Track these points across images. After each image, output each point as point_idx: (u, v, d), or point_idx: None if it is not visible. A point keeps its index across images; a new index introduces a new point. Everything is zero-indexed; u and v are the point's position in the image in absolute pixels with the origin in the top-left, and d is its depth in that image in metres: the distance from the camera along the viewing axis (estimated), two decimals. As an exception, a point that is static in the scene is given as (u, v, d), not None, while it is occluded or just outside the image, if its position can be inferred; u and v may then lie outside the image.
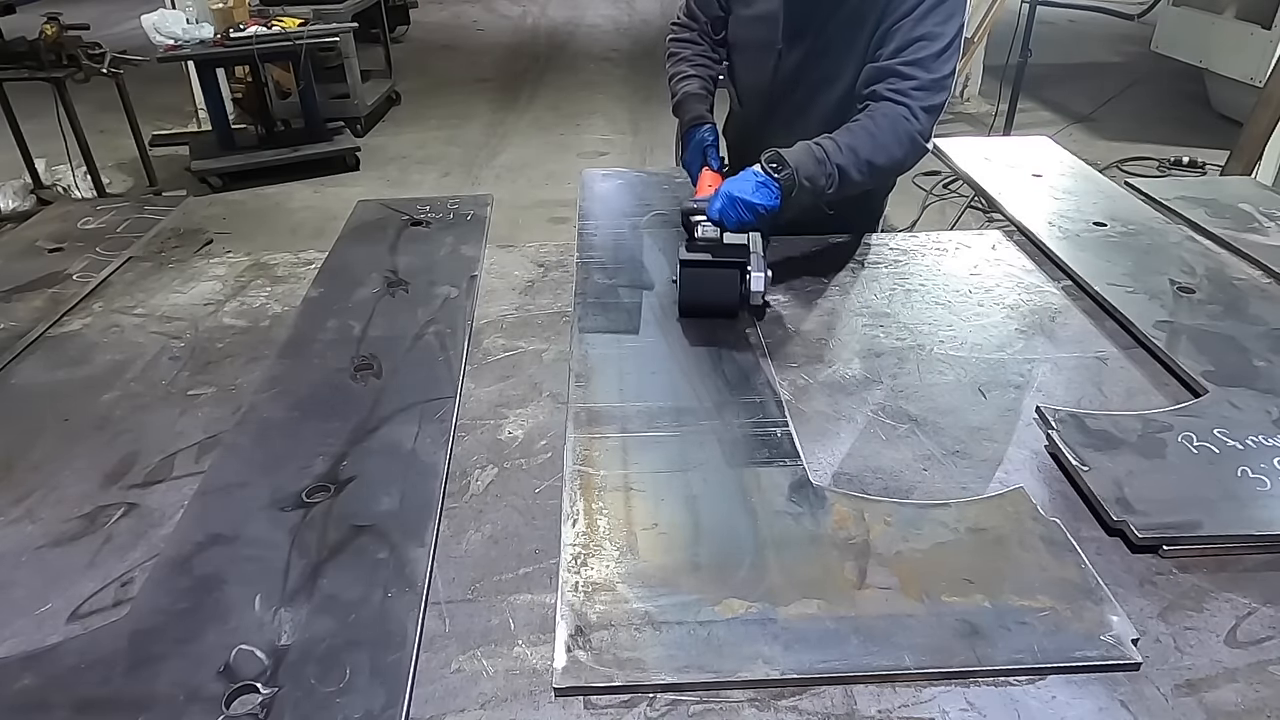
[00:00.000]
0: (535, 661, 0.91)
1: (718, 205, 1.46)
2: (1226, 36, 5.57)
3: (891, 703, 0.86)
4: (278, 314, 1.65)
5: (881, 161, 1.51)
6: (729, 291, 1.49)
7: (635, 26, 9.74)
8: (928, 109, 1.53)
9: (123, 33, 6.24)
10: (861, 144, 1.50)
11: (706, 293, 1.50)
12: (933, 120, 1.54)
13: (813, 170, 1.47)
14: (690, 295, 1.51)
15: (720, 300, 1.50)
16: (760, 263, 1.45)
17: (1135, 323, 1.51)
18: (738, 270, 1.48)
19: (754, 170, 1.48)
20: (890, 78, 1.53)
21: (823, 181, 1.48)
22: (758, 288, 1.44)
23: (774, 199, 1.45)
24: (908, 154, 1.54)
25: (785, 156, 1.47)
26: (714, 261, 1.48)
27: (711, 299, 1.50)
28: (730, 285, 1.49)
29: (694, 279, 1.50)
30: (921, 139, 1.54)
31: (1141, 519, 1.05)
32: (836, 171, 1.48)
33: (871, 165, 1.51)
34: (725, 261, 1.48)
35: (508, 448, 1.25)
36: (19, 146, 4.63)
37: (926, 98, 1.53)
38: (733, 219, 1.46)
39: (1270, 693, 0.87)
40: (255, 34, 4.91)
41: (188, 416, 1.34)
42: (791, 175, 1.46)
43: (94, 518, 1.13)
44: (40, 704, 0.86)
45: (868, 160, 1.50)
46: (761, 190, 1.46)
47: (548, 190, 5.18)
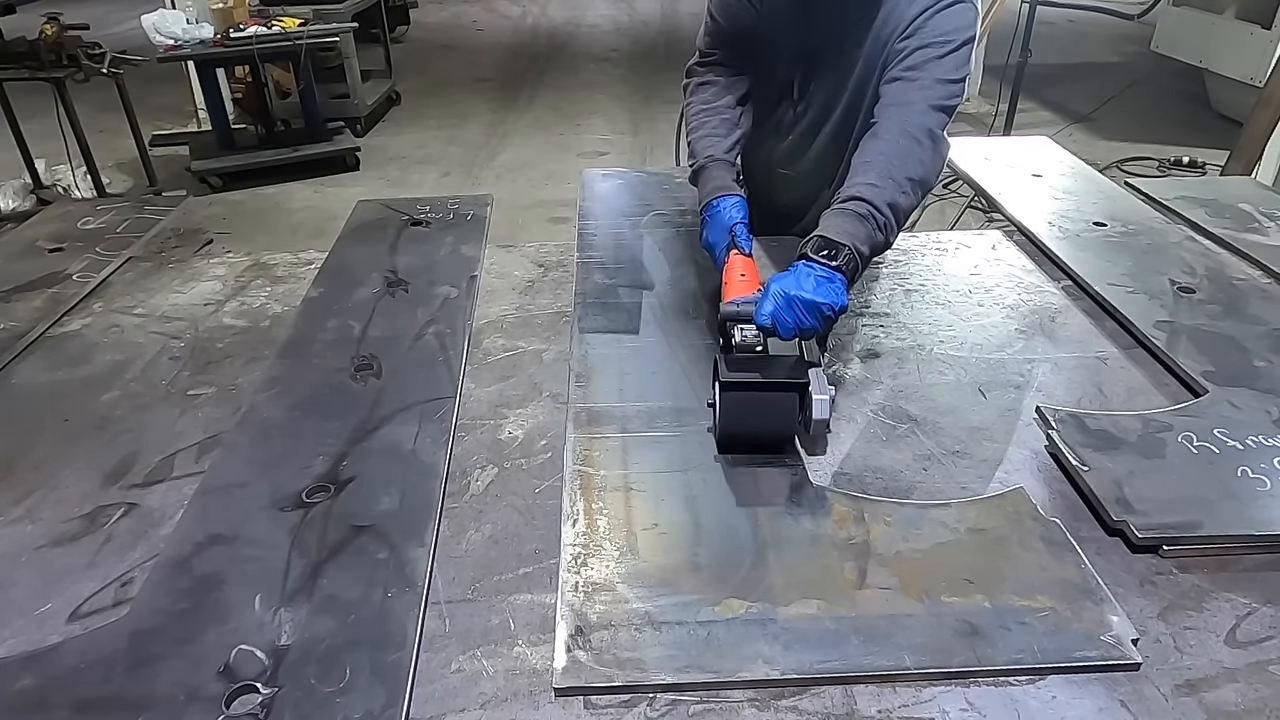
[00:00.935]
0: (535, 661, 0.91)
1: (769, 308, 1.16)
2: (1226, 36, 5.57)
3: (891, 703, 0.86)
4: (278, 314, 1.65)
5: (918, 173, 1.35)
6: (784, 420, 1.18)
7: (635, 27, 9.74)
8: (935, 108, 1.40)
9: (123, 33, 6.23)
10: (893, 167, 1.33)
11: (755, 422, 1.18)
12: (943, 119, 1.41)
13: (866, 233, 1.26)
14: (734, 425, 1.19)
15: (772, 430, 1.20)
16: (822, 381, 1.16)
17: (1135, 323, 1.51)
18: (797, 393, 1.16)
19: (806, 264, 1.21)
20: (895, 84, 1.45)
21: (880, 236, 1.28)
22: (821, 415, 1.14)
23: (841, 295, 1.18)
24: (933, 153, 1.39)
25: (834, 238, 1.23)
26: (765, 383, 1.16)
27: (761, 429, 1.20)
28: (786, 412, 1.17)
29: (739, 406, 1.17)
30: (939, 131, 1.39)
31: (1141, 519, 1.05)
32: (889, 213, 1.29)
33: (911, 181, 1.34)
34: (781, 383, 1.17)
35: (508, 448, 1.25)
36: (19, 146, 4.63)
37: (933, 98, 1.40)
38: (790, 325, 1.16)
39: (1270, 693, 0.87)
40: (255, 34, 4.91)
41: (188, 416, 1.34)
42: (852, 256, 1.22)
43: (94, 518, 1.13)
44: (40, 704, 0.86)
45: (906, 178, 1.33)
46: (824, 286, 1.17)
47: (548, 190, 5.17)
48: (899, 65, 1.44)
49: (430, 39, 9.32)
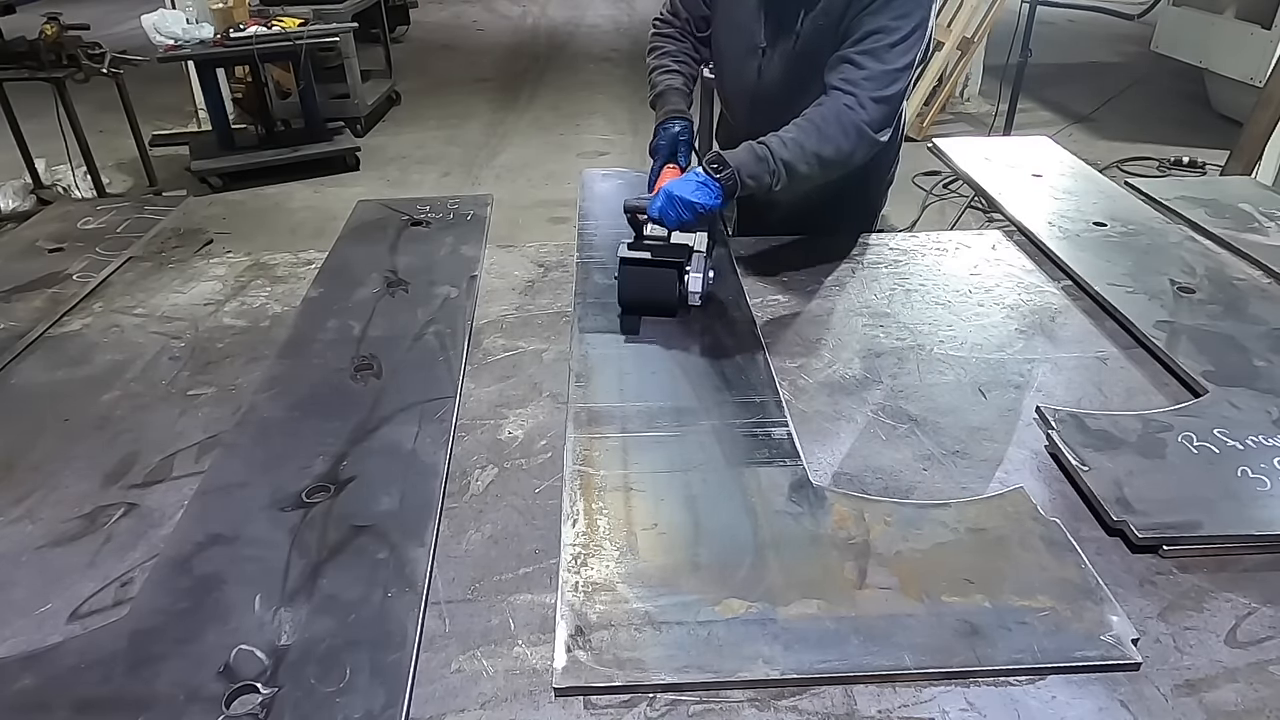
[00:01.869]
0: (535, 661, 0.91)
1: (658, 204, 1.44)
2: (1226, 36, 5.57)
3: (891, 703, 0.86)
4: (278, 314, 1.65)
5: (829, 154, 1.50)
6: (667, 291, 1.51)
7: (635, 26, 9.73)
8: (877, 99, 1.51)
9: (123, 33, 6.24)
10: (808, 137, 1.49)
11: (644, 290, 1.52)
12: (884, 111, 1.52)
13: (755, 169, 1.47)
14: (629, 292, 1.53)
15: (657, 298, 1.52)
16: (701, 263, 1.50)
17: (1135, 323, 1.51)
18: (675, 270, 1.50)
19: (696, 170, 1.48)
20: (844, 65, 1.53)
21: (767, 179, 1.48)
22: (695, 288, 1.49)
23: (714, 198, 1.44)
24: (855, 145, 1.52)
25: (726, 157, 1.46)
26: (653, 261, 1.50)
27: (649, 296, 1.53)
28: (668, 284, 1.50)
29: (632, 277, 1.52)
30: (870, 129, 1.52)
31: (1141, 519, 1.05)
32: (782, 168, 1.47)
33: (820, 158, 1.50)
34: (664, 261, 1.50)
35: (508, 448, 1.25)
36: (19, 146, 4.63)
37: (876, 88, 1.51)
38: (672, 218, 1.44)
39: (1270, 693, 0.87)
40: (255, 34, 4.90)
41: (188, 416, 1.34)
42: (733, 175, 1.45)
43: (94, 518, 1.13)
44: (40, 704, 0.86)
45: (815, 153, 1.49)
46: (702, 190, 1.44)
47: (548, 190, 5.17)
48: (853, 44, 1.53)
49: (430, 39, 9.31)
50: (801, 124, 1.52)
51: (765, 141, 1.49)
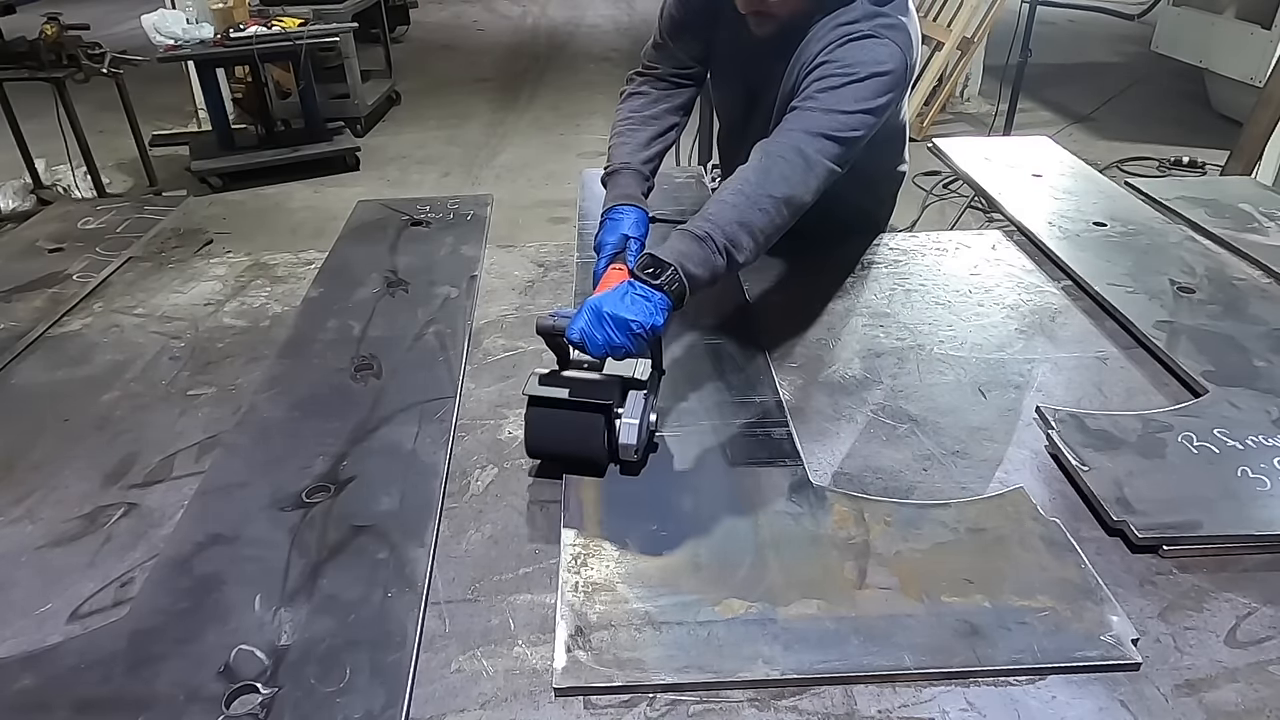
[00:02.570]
0: (535, 661, 0.91)
1: (580, 323, 1.10)
2: (1226, 36, 5.57)
3: (891, 703, 0.86)
4: (278, 314, 1.65)
5: (781, 191, 1.26)
6: (590, 443, 1.13)
7: (635, 26, 9.73)
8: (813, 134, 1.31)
9: (123, 33, 6.24)
10: (746, 184, 1.26)
11: (560, 441, 1.15)
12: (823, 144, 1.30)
13: (699, 253, 1.18)
14: (538, 442, 1.16)
15: (576, 451, 1.15)
16: (639, 405, 1.12)
17: (1135, 323, 1.51)
18: (603, 415, 1.12)
19: (629, 281, 1.14)
20: (788, 115, 1.37)
21: (719, 259, 1.20)
22: (628, 439, 1.11)
23: (656, 313, 1.11)
24: (800, 171, 1.29)
25: (662, 257, 1.15)
26: (569, 402, 1.12)
27: (566, 449, 1.16)
28: (592, 434, 1.13)
29: (543, 423, 1.14)
30: (817, 154, 1.30)
31: (1141, 519, 1.05)
32: (738, 231, 1.22)
33: (772, 198, 1.25)
34: (586, 403, 1.12)
35: (508, 448, 1.25)
36: (19, 146, 4.63)
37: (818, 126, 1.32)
38: (599, 342, 1.09)
39: (1270, 693, 0.87)
40: (255, 34, 4.90)
41: (188, 416, 1.34)
42: (675, 274, 1.14)
43: (94, 518, 1.13)
44: (40, 704, 0.86)
45: (767, 195, 1.25)
46: (639, 304, 1.11)
47: (548, 190, 5.17)
48: (798, 97, 1.37)
49: (430, 39, 9.31)
50: (736, 175, 1.30)
51: (704, 214, 1.23)
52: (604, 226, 1.44)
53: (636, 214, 1.44)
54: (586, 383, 1.14)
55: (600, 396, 1.12)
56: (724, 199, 1.25)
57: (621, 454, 1.13)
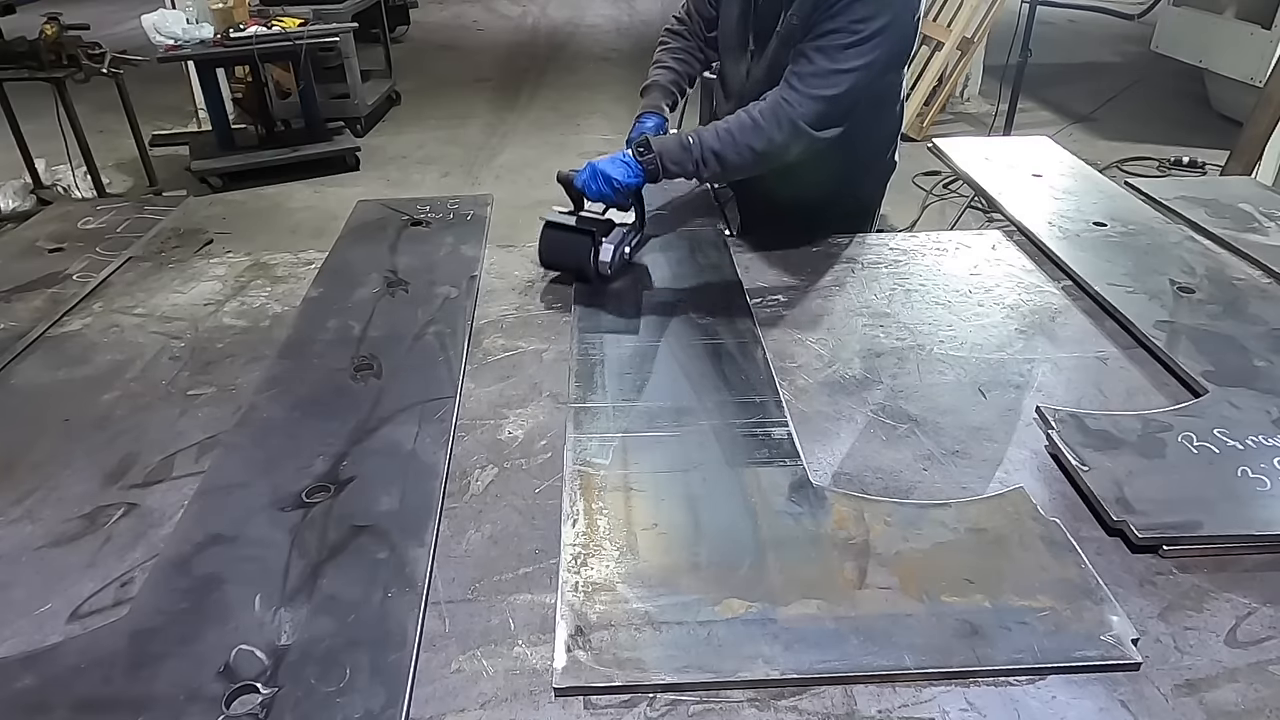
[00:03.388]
0: (535, 661, 0.91)
1: (583, 176, 1.58)
2: (1226, 36, 5.57)
3: (891, 703, 0.86)
4: (278, 314, 1.65)
5: (760, 146, 1.56)
6: (580, 256, 1.62)
7: (635, 27, 9.73)
8: (815, 97, 1.54)
9: (123, 33, 6.24)
10: (741, 130, 1.57)
11: (559, 253, 1.66)
12: (821, 109, 1.55)
13: (679, 156, 1.57)
14: (545, 253, 1.68)
15: (569, 263, 1.66)
16: (618, 236, 1.64)
17: (1135, 323, 1.51)
18: (589, 238, 1.61)
19: (624, 151, 1.61)
20: (797, 59, 1.57)
21: (691, 167, 1.59)
22: (604, 258, 1.61)
23: (632, 177, 1.57)
24: (789, 139, 1.56)
25: (652, 142, 1.59)
26: (570, 226, 1.63)
27: (563, 260, 1.67)
28: (582, 251, 1.62)
29: (551, 239, 1.66)
30: (806, 124, 1.55)
31: (1141, 519, 1.05)
32: (712, 157, 1.57)
33: (752, 149, 1.56)
34: (580, 229, 1.62)
35: (508, 448, 1.25)
36: (19, 146, 4.63)
37: (818, 86, 1.54)
38: (593, 190, 1.58)
39: (1270, 693, 0.87)
40: (255, 34, 4.90)
41: (188, 416, 1.34)
42: (655, 159, 1.57)
43: (94, 518, 1.13)
44: (40, 704, 0.86)
45: (747, 145, 1.56)
46: (622, 168, 1.57)
47: (548, 190, 5.12)
48: (811, 37, 1.56)
49: (430, 39, 9.31)
50: (740, 116, 1.59)
51: (698, 131, 1.60)
52: (634, 127, 1.81)
53: (657, 120, 1.82)
54: (584, 218, 1.65)
55: (590, 227, 1.63)
56: (718, 129, 1.59)
57: (600, 269, 1.62)
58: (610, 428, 1.26)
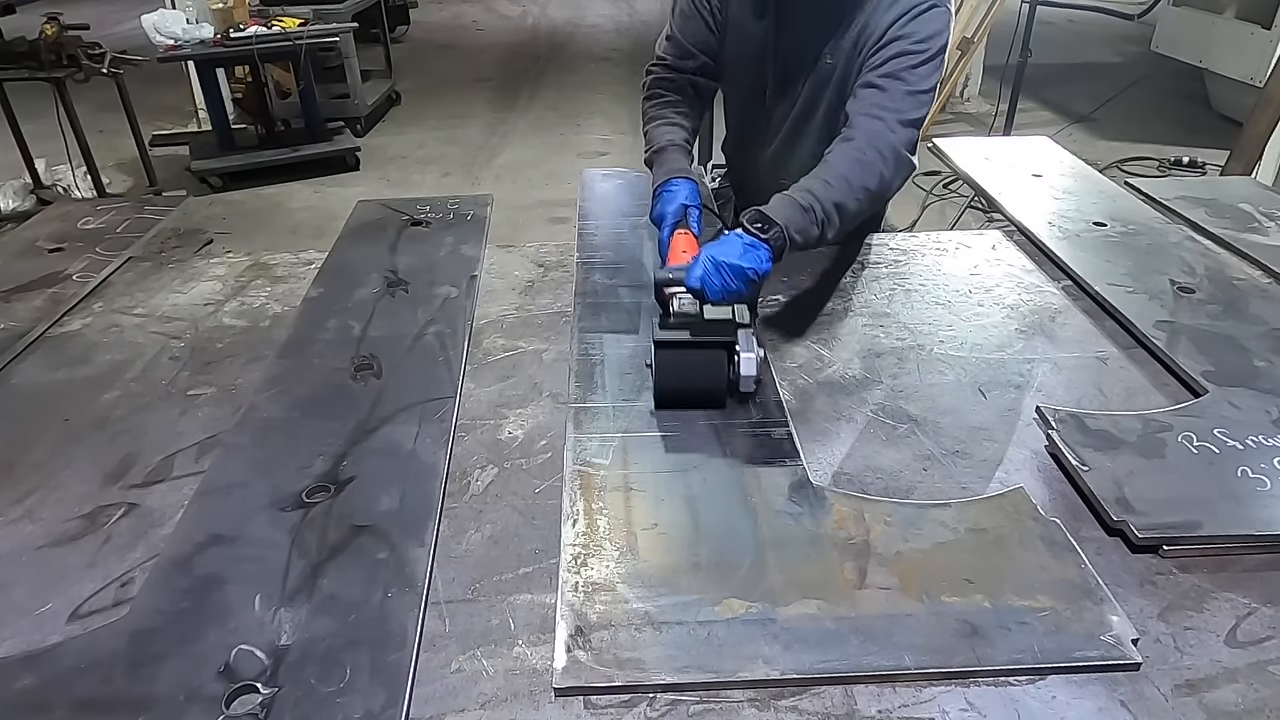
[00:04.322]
0: (535, 661, 0.91)
1: (698, 272, 1.24)
2: (1226, 36, 5.57)
3: (891, 703, 0.86)
4: (278, 314, 1.65)
5: (874, 185, 1.41)
6: (714, 376, 1.27)
7: (635, 27, 9.73)
8: (905, 123, 1.45)
9: (123, 33, 6.23)
10: (851, 171, 1.40)
11: (688, 379, 1.27)
12: (913, 135, 1.47)
13: (802, 222, 1.34)
14: (669, 383, 1.27)
15: (704, 387, 1.28)
16: (750, 341, 1.25)
17: (1135, 323, 1.51)
18: (724, 351, 1.26)
19: (737, 233, 1.30)
20: (869, 91, 1.47)
21: (815, 230, 1.35)
22: (748, 371, 1.23)
23: (765, 262, 1.28)
24: (895, 171, 1.45)
25: (769, 214, 1.32)
26: (695, 341, 1.25)
27: (693, 385, 1.28)
28: (716, 369, 1.26)
29: (672, 364, 1.26)
30: (906, 153, 1.46)
31: (1141, 519, 1.05)
32: (834, 212, 1.37)
33: (867, 190, 1.41)
34: (709, 341, 1.25)
35: (508, 448, 1.25)
36: (19, 146, 4.63)
37: (904, 110, 1.45)
38: (717, 288, 1.24)
39: (1270, 693, 0.87)
40: (255, 34, 4.91)
41: (188, 416, 1.34)
42: (780, 233, 1.30)
43: (94, 518, 1.13)
44: (40, 704, 0.86)
45: (862, 186, 1.40)
46: (750, 253, 1.26)
47: (548, 190, 5.17)
48: (876, 71, 1.47)
49: (430, 39, 9.32)
50: (839, 159, 1.42)
51: (807, 188, 1.37)
52: (660, 199, 1.53)
53: (690, 185, 1.53)
54: (702, 325, 1.27)
55: (723, 334, 1.26)
56: (825, 179, 1.39)
57: (742, 386, 1.24)
58: (610, 428, 1.26)
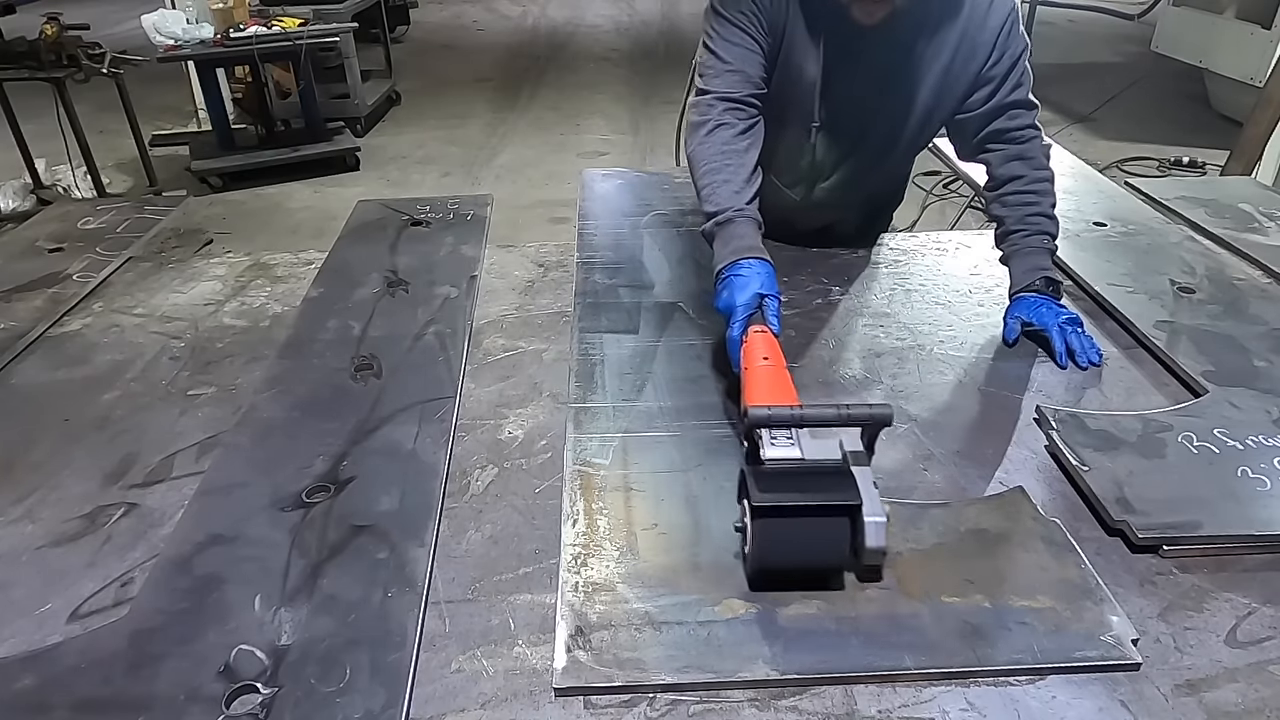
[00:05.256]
0: (535, 661, 0.91)
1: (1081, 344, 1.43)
2: (1226, 36, 5.57)
3: (891, 703, 0.86)
4: (278, 314, 1.65)
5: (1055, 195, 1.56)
6: (832, 549, 0.95)
7: (635, 27, 9.74)
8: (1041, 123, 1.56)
9: (123, 33, 6.23)
10: (1046, 195, 1.54)
11: (797, 552, 0.96)
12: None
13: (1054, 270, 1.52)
14: (771, 557, 0.96)
15: (818, 561, 0.98)
16: (874, 495, 0.94)
17: (1135, 323, 1.51)
18: (847, 517, 0.94)
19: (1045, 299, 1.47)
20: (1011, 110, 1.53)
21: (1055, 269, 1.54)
22: (876, 543, 0.93)
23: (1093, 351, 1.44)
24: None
25: (1052, 276, 1.49)
26: (810, 506, 0.93)
27: (804, 560, 0.97)
28: (835, 540, 0.95)
29: (777, 535, 0.94)
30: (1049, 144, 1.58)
31: (1141, 519, 1.05)
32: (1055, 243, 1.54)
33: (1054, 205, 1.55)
34: (828, 506, 0.94)
35: (508, 448, 1.25)
36: (19, 146, 4.63)
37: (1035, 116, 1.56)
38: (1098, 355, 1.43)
39: (1270, 693, 0.87)
40: (255, 34, 4.91)
41: (188, 416, 1.34)
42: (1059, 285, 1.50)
43: (94, 518, 1.13)
44: (40, 704, 0.86)
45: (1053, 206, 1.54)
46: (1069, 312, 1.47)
47: (548, 190, 5.17)
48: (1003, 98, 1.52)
49: (430, 39, 9.32)
50: (1033, 187, 1.53)
51: (1035, 226, 1.52)
52: (729, 285, 1.25)
53: (767, 269, 1.27)
54: (810, 476, 0.97)
55: (843, 493, 0.94)
56: (1042, 212, 1.53)
57: (867, 559, 0.94)
58: (610, 428, 1.26)
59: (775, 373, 1.14)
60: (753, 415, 0.96)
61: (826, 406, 0.97)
